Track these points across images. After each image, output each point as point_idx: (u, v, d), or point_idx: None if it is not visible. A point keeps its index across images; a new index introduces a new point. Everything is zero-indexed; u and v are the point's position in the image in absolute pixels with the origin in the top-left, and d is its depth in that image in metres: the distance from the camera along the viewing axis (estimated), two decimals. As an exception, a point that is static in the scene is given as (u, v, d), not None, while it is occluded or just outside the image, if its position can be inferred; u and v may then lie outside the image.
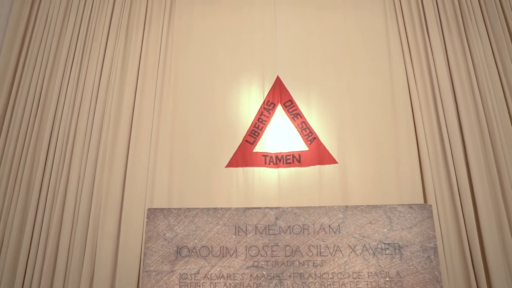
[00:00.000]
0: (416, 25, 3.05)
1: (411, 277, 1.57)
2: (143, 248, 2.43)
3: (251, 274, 1.61)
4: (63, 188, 2.66)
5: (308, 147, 2.81)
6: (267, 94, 2.92)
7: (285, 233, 1.69)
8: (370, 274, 1.57)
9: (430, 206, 1.76)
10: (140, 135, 2.80)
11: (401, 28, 3.07)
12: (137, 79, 2.97)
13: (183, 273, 1.62)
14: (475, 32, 3.01)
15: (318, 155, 2.77)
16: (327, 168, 2.74)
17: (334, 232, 1.63)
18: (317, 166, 2.75)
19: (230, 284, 1.59)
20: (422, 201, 2.54)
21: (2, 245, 2.56)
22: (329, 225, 1.65)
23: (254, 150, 2.79)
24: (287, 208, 1.75)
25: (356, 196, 2.61)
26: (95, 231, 2.55)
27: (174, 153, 2.77)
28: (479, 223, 2.47)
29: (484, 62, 2.92)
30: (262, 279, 1.59)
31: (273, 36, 3.06)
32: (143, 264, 1.68)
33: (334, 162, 2.74)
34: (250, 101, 2.90)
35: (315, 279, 1.58)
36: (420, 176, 2.64)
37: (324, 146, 2.79)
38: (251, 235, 1.67)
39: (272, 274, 1.61)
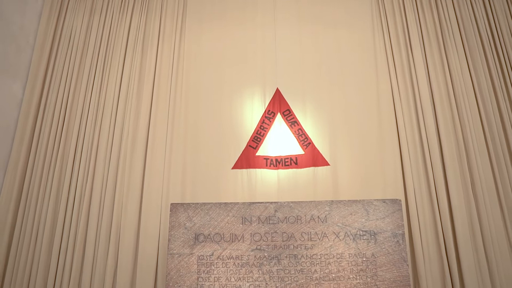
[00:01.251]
0: (400, 42, 3.39)
1: (383, 257, 1.94)
2: (160, 236, 2.82)
3: (255, 255, 1.98)
4: (89, 186, 3.04)
5: (304, 151, 3.17)
6: (268, 104, 3.29)
7: (282, 223, 2.07)
8: (350, 255, 1.95)
9: (400, 200, 2.12)
10: (156, 139, 3.16)
11: (387, 44, 3.41)
12: (152, 90, 3.34)
13: (200, 255, 2.00)
14: (453, 49, 3.35)
15: (313, 158, 3.14)
16: (321, 169, 3.10)
17: (322, 222, 2.00)
18: (312, 168, 3.11)
19: (238, 263, 1.96)
20: (404, 200, 2.90)
21: (37, 236, 2.94)
22: (318, 216, 2.02)
23: (257, 154, 3.15)
24: (284, 203, 2.13)
25: (345, 193, 2.96)
26: (118, 223, 2.91)
27: (186, 156, 3.13)
28: (452, 215, 2.82)
29: (461, 75, 3.27)
30: (264, 259, 1.97)
31: (273, 52, 3.42)
32: (168, 248, 2.04)
33: (327, 164, 3.10)
34: (253, 111, 3.27)
35: (306, 259, 1.96)
36: (402, 176, 2.99)
37: (318, 150, 3.16)
38: (255, 224, 2.05)
39: (272, 255, 1.99)
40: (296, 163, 3.14)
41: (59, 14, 3.73)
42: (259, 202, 2.11)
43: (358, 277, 1.90)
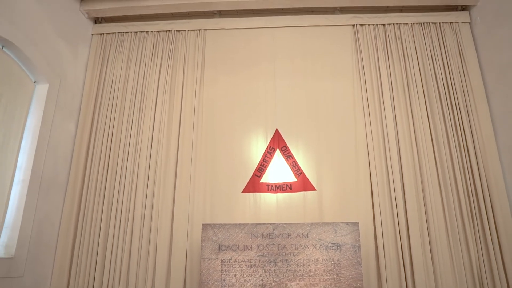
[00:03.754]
0: (374, 92, 4.25)
1: (345, 261, 2.84)
2: (188, 246, 3.72)
3: (259, 259, 2.88)
4: (132, 206, 3.94)
5: (297, 179, 4.07)
6: (269, 142, 4.19)
7: (278, 237, 2.96)
8: (323, 260, 2.84)
9: (358, 223, 3.01)
10: (182, 170, 4.05)
11: (363, 94, 4.26)
12: (179, 129, 4.22)
13: (223, 259, 2.90)
14: (416, 98, 4.17)
15: (303, 184, 4.03)
16: (309, 193, 3.99)
17: (305, 237, 2.90)
18: (303, 192, 4.00)
19: (248, 265, 2.86)
20: (372, 219, 3.80)
21: (93, 246, 3.84)
22: (302, 233, 2.92)
23: (261, 181, 4.05)
24: (279, 224, 3.03)
25: (327, 213, 3.86)
26: (155, 236, 3.81)
27: (206, 183, 4.03)
28: (408, 230, 3.70)
29: (421, 120, 4.11)
30: (265, 262, 2.87)
31: (273, 100, 4.31)
32: (201, 255, 2.94)
33: (314, 189, 3.99)
34: (257, 147, 4.17)
35: (294, 262, 2.85)
36: (371, 202, 3.87)
37: (307, 178, 4.05)
38: (259, 238, 2.95)
39: (271, 259, 2.89)
40: (290, 188, 4.03)
41: (101, 66, 4.61)
42: (262, 224, 3.02)
43: (328, 274, 2.82)
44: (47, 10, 3.95)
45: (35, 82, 3.88)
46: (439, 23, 4.57)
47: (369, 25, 4.59)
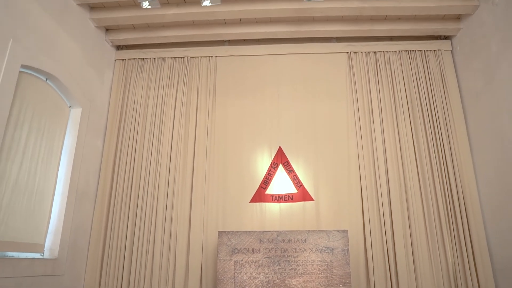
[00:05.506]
0: (365, 114, 4.83)
1: (336, 262, 3.43)
2: (203, 249, 4.31)
3: (265, 260, 3.48)
4: (154, 214, 4.53)
5: (297, 190, 4.65)
6: (273, 158, 4.77)
7: (281, 242, 3.55)
8: (318, 261, 3.44)
9: (347, 230, 3.60)
10: (197, 183, 4.64)
11: (356, 114, 4.84)
12: (194, 146, 4.81)
13: (236, 260, 3.49)
14: (402, 118, 4.74)
15: (303, 195, 4.62)
16: (308, 203, 4.57)
17: (303, 242, 3.49)
18: (302, 202, 4.58)
19: (256, 265, 3.45)
20: (362, 226, 4.38)
21: (120, 250, 4.43)
22: (301, 239, 3.52)
23: (266, 192, 4.64)
24: (282, 231, 3.62)
25: (324, 220, 4.44)
26: (175, 241, 4.40)
27: (219, 194, 4.61)
28: (394, 235, 4.29)
29: (406, 138, 4.68)
30: (270, 263, 3.47)
31: (277, 120, 4.90)
32: (217, 257, 3.54)
33: (312, 200, 4.57)
34: (263, 162, 4.76)
35: (294, 263, 3.45)
36: (361, 211, 4.45)
37: (306, 190, 4.63)
38: (266, 243, 3.54)
39: (275, 260, 3.49)
40: (292, 199, 4.62)
41: (124, 88, 5.21)
42: (268, 231, 3.62)
43: (322, 273, 3.41)
44: (79, 43, 4.55)
45: (70, 106, 4.49)
46: (424, 50, 5.15)
47: (361, 52, 5.17)
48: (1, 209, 3.34)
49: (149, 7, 4.04)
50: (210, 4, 3.95)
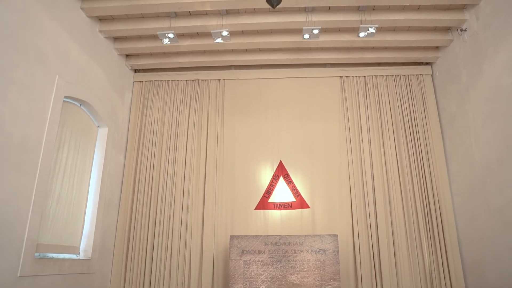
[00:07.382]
0: (355, 132, 5.54)
1: (328, 261, 4.13)
2: (214, 251, 4.99)
3: (269, 260, 4.18)
4: (171, 220, 5.21)
5: (296, 199, 5.34)
6: (275, 171, 5.46)
7: (282, 245, 4.25)
8: (313, 260, 4.14)
9: (337, 235, 4.31)
10: (208, 193, 5.32)
11: (346, 132, 5.54)
12: (205, 161, 5.49)
13: (245, 260, 4.18)
14: (387, 137, 5.46)
15: (301, 203, 5.31)
16: (305, 210, 5.27)
17: (300, 245, 4.19)
18: (300, 209, 5.28)
19: (262, 264, 4.14)
20: (351, 230, 5.07)
21: (141, 254, 5.11)
22: (298, 242, 4.21)
23: (269, 201, 5.33)
24: (283, 235, 4.32)
25: (318, 225, 5.14)
26: (190, 243, 5.09)
27: (228, 203, 5.30)
28: (378, 237, 4.99)
29: (390, 154, 5.40)
30: (274, 262, 4.17)
31: (278, 138, 5.59)
32: (229, 257, 4.22)
33: (308, 207, 5.27)
34: (266, 174, 5.45)
35: (293, 262, 4.15)
36: (351, 217, 5.16)
37: (303, 198, 5.32)
38: (270, 245, 4.24)
39: (277, 260, 4.19)
40: (291, 206, 5.31)
41: (142, 108, 5.88)
42: (271, 235, 4.31)
43: (316, 270, 4.11)
44: (106, 71, 5.22)
45: (98, 126, 5.16)
46: (408, 75, 5.85)
47: (352, 76, 5.86)
48: (49, 218, 4.02)
49: (169, 43, 4.70)
50: (222, 41, 4.62)
